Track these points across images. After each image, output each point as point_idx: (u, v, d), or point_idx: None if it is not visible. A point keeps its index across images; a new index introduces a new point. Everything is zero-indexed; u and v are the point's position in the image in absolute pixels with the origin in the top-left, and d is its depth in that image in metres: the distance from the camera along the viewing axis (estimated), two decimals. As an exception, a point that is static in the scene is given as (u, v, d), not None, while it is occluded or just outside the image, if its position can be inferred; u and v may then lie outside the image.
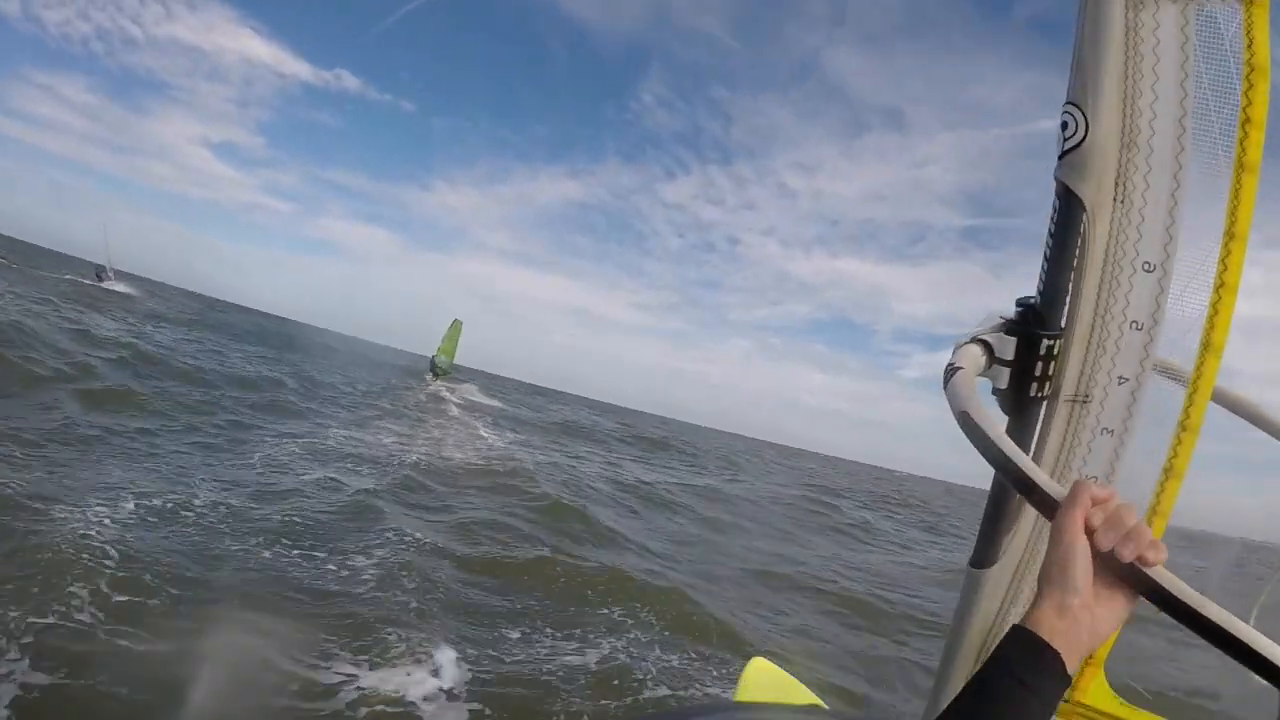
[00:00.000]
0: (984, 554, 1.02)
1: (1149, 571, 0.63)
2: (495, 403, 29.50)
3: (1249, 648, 0.58)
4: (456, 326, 31.88)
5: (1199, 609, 0.60)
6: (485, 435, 16.58)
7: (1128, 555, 0.64)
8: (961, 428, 0.78)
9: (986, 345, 0.95)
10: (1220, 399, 1.00)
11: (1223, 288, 0.96)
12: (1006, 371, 0.96)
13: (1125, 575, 0.65)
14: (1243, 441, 1.08)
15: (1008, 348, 0.95)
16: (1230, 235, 0.95)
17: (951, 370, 0.87)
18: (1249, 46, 0.92)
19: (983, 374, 0.95)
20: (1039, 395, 0.97)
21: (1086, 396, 0.97)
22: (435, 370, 30.60)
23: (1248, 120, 0.93)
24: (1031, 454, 0.99)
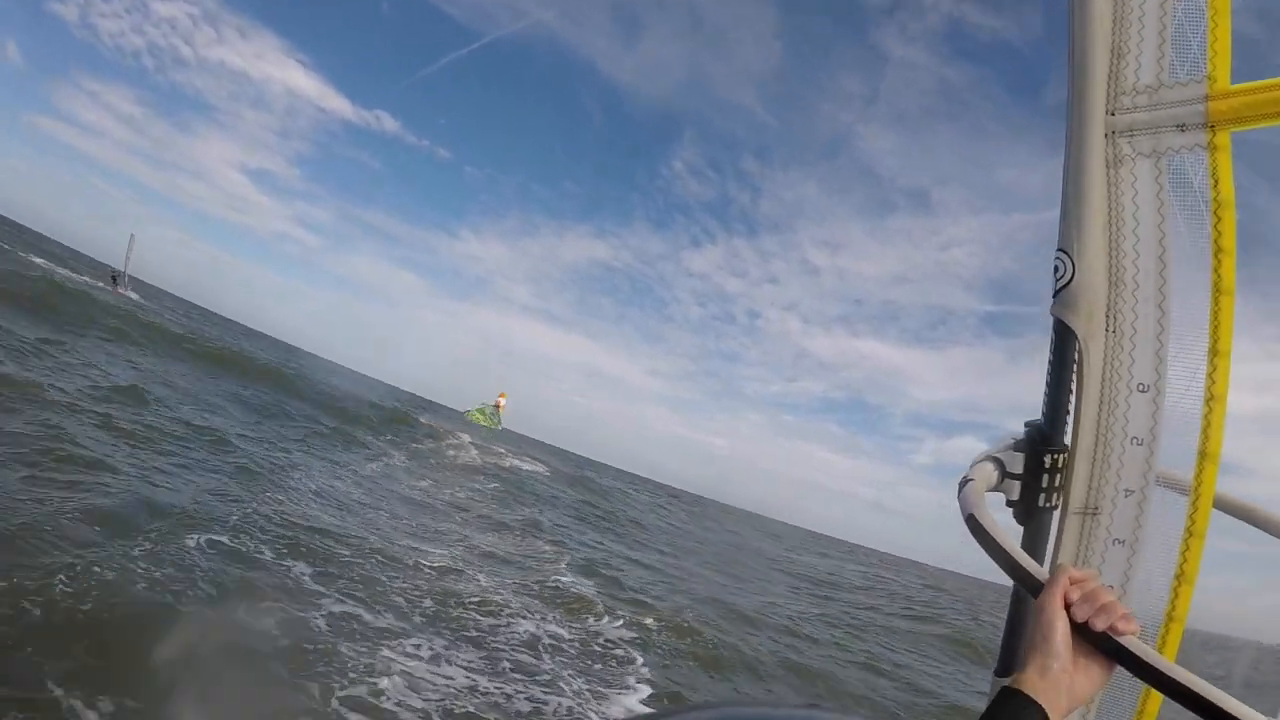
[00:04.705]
0: (1008, 663, 1.06)
1: (1121, 640, 0.71)
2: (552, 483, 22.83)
3: (1220, 709, 0.63)
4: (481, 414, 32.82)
5: (1168, 673, 0.66)
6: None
7: (1100, 625, 0.72)
8: (968, 527, 0.88)
9: (999, 462, 1.01)
10: (1222, 504, 1.05)
11: (1212, 400, 1.03)
12: (1018, 485, 1.02)
13: (1100, 644, 0.72)
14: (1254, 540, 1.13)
15: (1017, 463, 1.02)
16: (1215, 352, 1.03)
17: (964, 482, 0.96)
18: (1214, 185, 1.02)
19: (995, 488, 1.02)
20: (1048, 505, 1.03)
21: (1096, 509, 1.03)
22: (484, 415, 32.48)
23: (1220, 249, 1.02)
24: (1046, 564, 1.04)
